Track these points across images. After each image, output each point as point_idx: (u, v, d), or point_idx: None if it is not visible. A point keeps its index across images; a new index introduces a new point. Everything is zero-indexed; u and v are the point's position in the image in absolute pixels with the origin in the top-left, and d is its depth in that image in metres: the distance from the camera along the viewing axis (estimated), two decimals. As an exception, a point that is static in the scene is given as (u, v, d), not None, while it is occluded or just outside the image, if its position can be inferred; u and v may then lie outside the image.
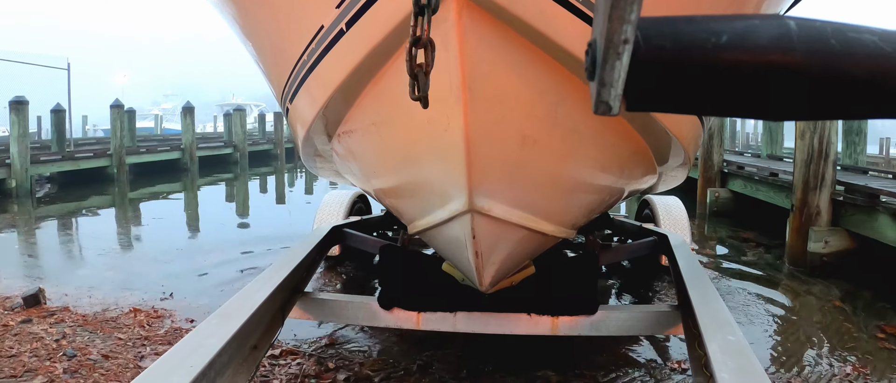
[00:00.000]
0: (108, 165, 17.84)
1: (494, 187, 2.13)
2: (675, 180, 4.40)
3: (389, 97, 2.07)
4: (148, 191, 16.17)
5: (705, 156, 11.38)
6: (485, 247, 2.36)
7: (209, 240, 8.65)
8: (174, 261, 7.08)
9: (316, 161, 3.72)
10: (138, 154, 20.34)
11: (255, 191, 18.37)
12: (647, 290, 5.73)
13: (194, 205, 14.60)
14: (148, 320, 4.66)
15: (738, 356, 2.08)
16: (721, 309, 2.71)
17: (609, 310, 3.40)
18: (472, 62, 1.74)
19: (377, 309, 3.49)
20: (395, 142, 2.28)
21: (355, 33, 1.88)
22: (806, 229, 6.76)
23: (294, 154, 30.13)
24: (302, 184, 19.74)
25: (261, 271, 3.28)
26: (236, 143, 25.82)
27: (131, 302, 5.12)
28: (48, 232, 9.74)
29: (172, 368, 1.98)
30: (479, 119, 1.86)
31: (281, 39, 2.47)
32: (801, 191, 6.82)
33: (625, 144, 2.50)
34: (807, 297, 5.79)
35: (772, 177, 9.07)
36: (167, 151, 22.01)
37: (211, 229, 10.01)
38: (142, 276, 6.23)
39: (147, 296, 5.34)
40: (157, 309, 4.93)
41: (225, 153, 25.62)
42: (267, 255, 7.01)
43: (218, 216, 12.25)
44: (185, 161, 21.72)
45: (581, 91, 2.03)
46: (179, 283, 5.86)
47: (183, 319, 4.71)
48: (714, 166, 11.40)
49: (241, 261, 6.96)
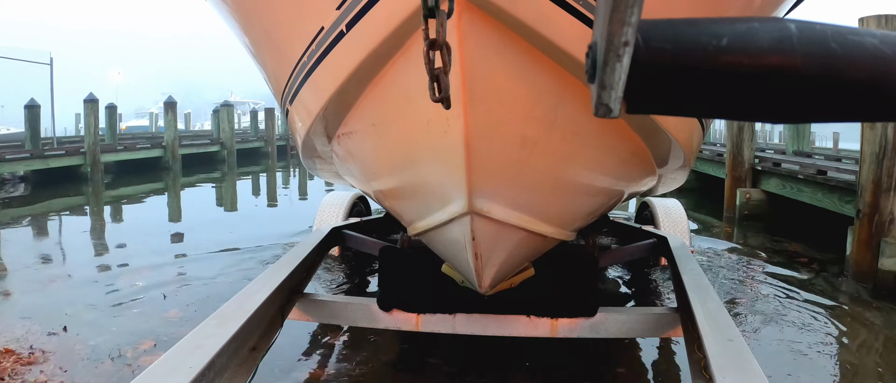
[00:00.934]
0: (82, 164, 17.05)
1: (494, 189, 2.13)
2: (675, 182, 4.40)
3: (389, 99, 2.07)
4: (125, 193, 15.11)
5: (734, 152, 10.02)
6: (484, 249, 2.36)
7: (157, 257, 7.15)
8: (98, 282, 5.98)
9: (315, 162, 3.72)
10: (115, 152, 19.31)
11: (242, 193, 16.69)
12: (647, 293, 5.73)
13: (174, 206, 13.51)
14: (13, 367, 3.77)
15: (737, 358, 2.07)
16: (720, 312, 2.71)
17: (608, 312, 3.40)
18: (472, 64, 1.74)
19: (376, 310, 3.49)
20: (395, 144, 2.27)
21: (356, 35, 1.88)
22: (877, 241, 5.59)
23: (287, 152, 29.15)
24: (295, 184, 18.54)
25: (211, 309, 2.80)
26: (223, 141, 24.59)
27: (14, 337, 4.28)
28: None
29: (171, 369, 1.98)
30: (479, 121, 1.85)
31: (281, 41, 2.47)
32: (871, 194, 5.62)
33: (624, 146, 2.50)
34: (872, 326, 4.73)
35: (820, 176, 7.84)
36: (147, 149, 20.84)
37: (163, 243, 8.34)
38: (50, 299, 5.34)
39: (38, 328, 4.49)
40: (34, 352, 4.03)
41: (211, 151, 24.48)
42: (212, 287, 5.71)
43: (187, 223, 11.08)
44: (167, 159, 20.69)
45: (581, 93, 2.03)
46: (84, 314, 4.91)
47: (57, 368, 3.78)
48: (744, 163, 9.97)
49: (174, 287, 5.70)
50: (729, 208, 10.08)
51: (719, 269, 6.56)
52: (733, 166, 10.13)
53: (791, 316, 4.86)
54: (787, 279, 6.08)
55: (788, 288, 5.72)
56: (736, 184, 10.04)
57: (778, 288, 5.75)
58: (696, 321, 2.55)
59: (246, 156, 25.88)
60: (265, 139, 28.82)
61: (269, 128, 28.77)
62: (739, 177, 10.07)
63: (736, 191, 9.88)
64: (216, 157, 24.35)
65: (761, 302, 5.28)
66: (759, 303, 5.25)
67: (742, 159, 10.05)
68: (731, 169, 10.16)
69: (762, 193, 9.72)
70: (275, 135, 28.65)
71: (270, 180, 20.26)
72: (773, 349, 4.16)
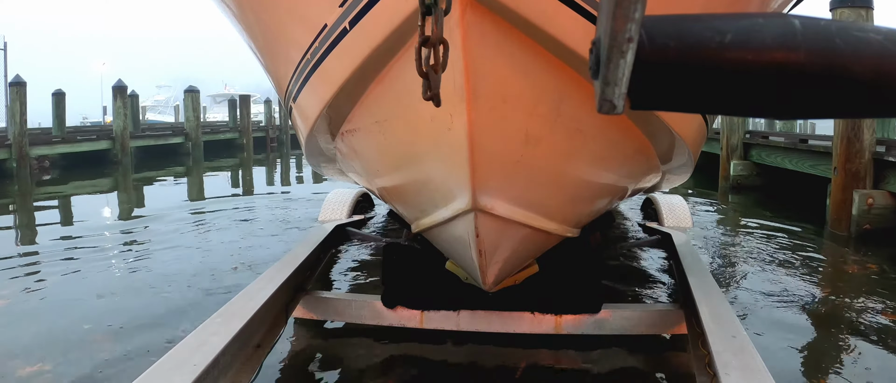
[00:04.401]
0: (8, 158, 14.94)
1: (498, 186, 2.13)
2: (679, 179, 4.39)
3: (393, 95, 2.07)
4: (57, 191, 12.89)
5: (849, 138, 7.74)
6: (488, 246, 2.36)
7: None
8: None
9: (319, 160, 3.73)
10: (50, 144, 16.91)
11: (183, 194, 12.86)
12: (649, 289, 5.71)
13: (123, 206, 10.86)
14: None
15: (741, 354, 2.07)
16: (724, 308, 2.71)
17: (612, 309, 3.40)
18: (476, 60, 1.74)
19: (381, 307, 3.50)
20: (398, 141, 2.28)
21: (359, 32, 1.88)
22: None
23: (266, 143, 27.37)
24: (277, 181, 15.34)
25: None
26: (188, 132, 21.97)
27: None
28: None
29: (175, 366, 1.99)
30: (483, 117, 1.85)
31: (284, 38, 2.47)
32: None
33: (628, 143, 2.50)
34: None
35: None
36: (93, 141, 18.53)
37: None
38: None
39: None
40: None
41: (173, 143, 21.93)
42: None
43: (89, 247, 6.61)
44: (116, 152, 18.46)
45: (584, 89, 2.03)
46: None
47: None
48: (863, 153, 7.21)
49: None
50: (839, 222, 7.10)
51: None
52: (846, 158, 6.99)
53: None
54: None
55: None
56: (851, 182, 6.98)
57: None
58: (700, 317, 2.55)
59: (217, 148, 23.39)
60: (240, 129, 26.23)
61: (244, 116, 26.46)
62: (856, 174, 6.97)
63: (851, 194, 6.86)
64: (180, 150, 21.81)
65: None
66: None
67: (860, 148, 6.92)
68: (843, 162, 7.03)
69: (890, 197, 6.70)
70: (250, 125, 26.31)
71: (267, 176, 17.08)
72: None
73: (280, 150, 28.75)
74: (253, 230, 7.50)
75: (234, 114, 28.79)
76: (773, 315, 4.25)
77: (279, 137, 31.22)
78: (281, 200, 10.66)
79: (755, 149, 11.29)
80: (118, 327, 4.00)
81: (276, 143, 30.29)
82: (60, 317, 4.24)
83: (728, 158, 11.60)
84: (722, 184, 11.72)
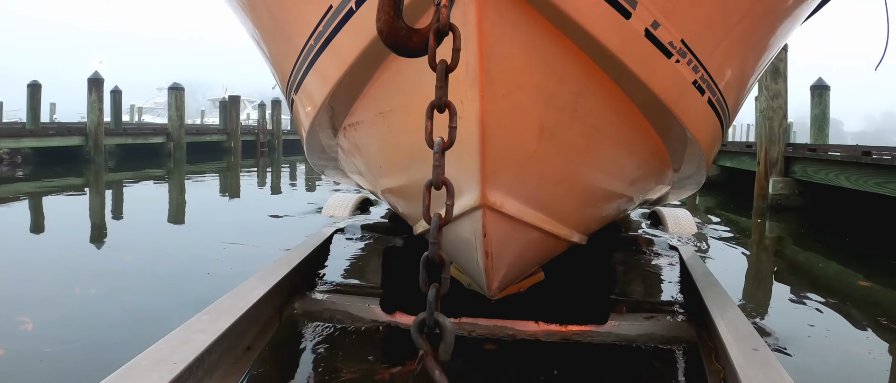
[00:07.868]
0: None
1: (508, 181, 2.00)
2: (686, 191, 4.31)
3: (399, 83, 1.96)
4: (25, 189, 11.74)
5: None
6: (495, 247, 2.23)
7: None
8: None
9: (321, 159, 3.62)
10: (17, 137, 16.19)
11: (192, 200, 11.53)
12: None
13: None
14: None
15: (766, 368, 1.94)
16: (741, 321, 2.58)
17: (620, 320, 3.27)
18: (492, 42, 1.62)
19: (379, 312, 3.38)
20: (404, 132, 2.16)
21: (365, 13, 1.77)
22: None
23: (256, 147, 26.50)
24: (260, 192, 13.06)
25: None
26: (170, 132, 21.12)
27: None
28: None
29: (154, 363, 1.85)
30: (496, 105, 1.73)
31: (286, 23, 2.37)
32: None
33: (643, 145, 2.39)
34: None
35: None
36: (65, 136, 17.74)
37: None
38: None
39: None
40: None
41: (154, 143, 21.05)
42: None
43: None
44: (89, 150, 17.77)
45: (603, 84, 1.91)
46: None
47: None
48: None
49: None
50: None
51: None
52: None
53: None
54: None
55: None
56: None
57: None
58: (717, 330, 2.42)
59: (201, 150, 22.22)
60: (228, 132, 25.37)
61: (233, 118, 25.85)
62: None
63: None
64: (161, 151, 21.03)
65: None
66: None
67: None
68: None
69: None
70: (238, 126, 25.59)
71: (259, 181, 15.33)
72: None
73: (271, 156, 27.78)
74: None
75: (223, 115, 28.08)
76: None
77: (271, 142, 30.41)
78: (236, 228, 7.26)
79: (799, 164, 9.83)
80: None
81: (267, 149, 29.60)
82: None
83: (766, 175, 10.09)
84: (757, 204, 10.15)
